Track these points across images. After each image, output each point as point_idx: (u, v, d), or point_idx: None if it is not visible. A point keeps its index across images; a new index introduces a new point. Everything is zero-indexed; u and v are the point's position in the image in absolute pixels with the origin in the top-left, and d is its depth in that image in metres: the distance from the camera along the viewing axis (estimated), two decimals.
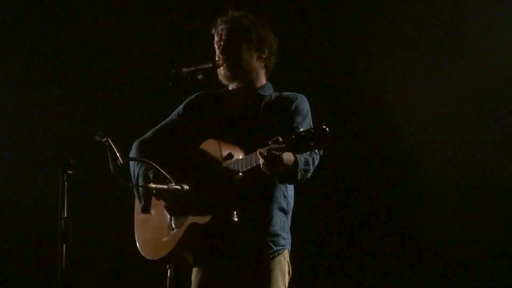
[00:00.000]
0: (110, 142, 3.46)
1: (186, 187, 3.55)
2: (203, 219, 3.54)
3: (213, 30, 3.86)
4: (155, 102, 5.29)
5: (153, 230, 3.78)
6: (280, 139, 3.22)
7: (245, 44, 3.78)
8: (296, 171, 3.47)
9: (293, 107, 3.73)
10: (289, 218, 3.80)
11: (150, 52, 5.61)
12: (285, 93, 3.85)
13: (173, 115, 3.94)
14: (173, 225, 3.68)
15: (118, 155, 3.44)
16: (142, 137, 3.93)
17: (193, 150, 3.74)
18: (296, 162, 3.44)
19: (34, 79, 5.75)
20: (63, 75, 5.74)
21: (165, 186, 3.54)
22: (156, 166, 3.55)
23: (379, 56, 5.35)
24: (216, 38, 3.83)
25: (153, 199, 3.75)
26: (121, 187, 3.54)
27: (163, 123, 3.94)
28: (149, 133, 3.94)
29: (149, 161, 3.59)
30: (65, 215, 3.24)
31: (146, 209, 3.75)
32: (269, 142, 3.26)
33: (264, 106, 3.79)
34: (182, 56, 5.33)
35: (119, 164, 3.43)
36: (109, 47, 5.71)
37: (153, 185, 3.57)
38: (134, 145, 3.92)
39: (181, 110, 3.93)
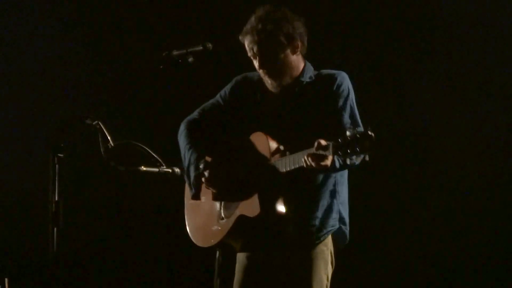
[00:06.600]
0: (101, 125, 3.47)
1: (177, 170, 3.58)
2: (252, 212, 3.62)
3: (240, 37, 3.76)
4: (146, 85, 5.28)
5: (204, 216, 3.86)
6: (324, 144, 3.31)
7: (277, 49, 3.71)
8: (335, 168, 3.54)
9: (334, 87, 3.72)
10: (339, 195, 3.77)
11: (141, 35, 5.60)
12: (325, 71, 3.82)
13: (219, 96, 3.93)
14: (223, 215, 3.77)
15: (109, 138, 3.46)
16: (190, 117, 3.94)
17: (241, 141, 3.78)
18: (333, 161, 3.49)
19: (25, 61, 5.73)
20: (54, 57, 5.72)
21: (156, 169, 3.55)
22: (147, 148, 3.56)
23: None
24: (247, 49, 3.73)
25: (203, 187, 3.81)
26: (112, 170, 3.55)
27: (209, 103, 3.93)
28: (196, 113, 3.94)
29: (139, 144, 3.59)
30: (56, 199, 3.25)
31: (196, 196, 3.81)
32: (315, 148, 3.34)
33: (304, 90, 3.77)
34: (172, 38, 5.31)
35: (110, 147, 3.44)
36: (100, 30, 5.69)
37: (144, 168, 3.58)
38: (183, 126, 3.92)
39: (227, 93, 3.92)
